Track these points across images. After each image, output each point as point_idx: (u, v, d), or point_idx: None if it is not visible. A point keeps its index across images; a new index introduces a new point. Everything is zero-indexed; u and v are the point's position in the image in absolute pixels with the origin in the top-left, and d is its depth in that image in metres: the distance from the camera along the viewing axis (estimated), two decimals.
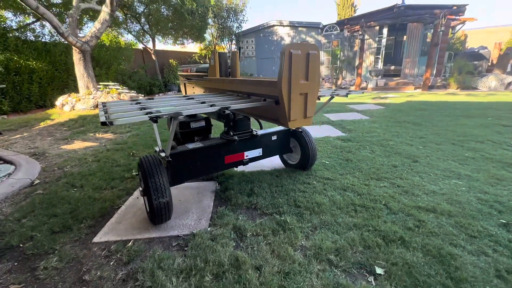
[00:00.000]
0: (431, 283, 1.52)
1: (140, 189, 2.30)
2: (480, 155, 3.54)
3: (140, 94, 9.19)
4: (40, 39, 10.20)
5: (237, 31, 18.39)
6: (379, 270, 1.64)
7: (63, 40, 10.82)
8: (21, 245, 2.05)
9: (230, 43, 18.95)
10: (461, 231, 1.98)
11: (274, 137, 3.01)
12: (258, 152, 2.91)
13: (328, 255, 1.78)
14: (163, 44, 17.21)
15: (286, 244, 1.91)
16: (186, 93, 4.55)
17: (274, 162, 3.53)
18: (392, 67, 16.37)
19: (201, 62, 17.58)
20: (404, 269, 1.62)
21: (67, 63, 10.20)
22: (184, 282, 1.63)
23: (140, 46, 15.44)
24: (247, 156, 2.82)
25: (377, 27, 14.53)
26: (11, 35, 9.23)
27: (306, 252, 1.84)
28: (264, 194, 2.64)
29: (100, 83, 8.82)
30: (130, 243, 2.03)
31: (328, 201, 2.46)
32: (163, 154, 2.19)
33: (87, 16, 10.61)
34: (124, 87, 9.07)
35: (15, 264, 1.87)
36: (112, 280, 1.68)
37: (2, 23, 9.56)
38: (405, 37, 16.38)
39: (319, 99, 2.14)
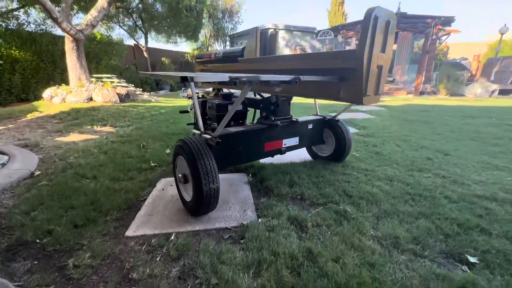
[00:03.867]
0: None
1: (179, 175, 2.01)
2: (506, 149, 3.57)
3: (138, 88, 8.66)
4: (24, 27, 9.44)
5: (231, 33, 18.27)
6: (472, 259, 1.48)
7: (50, 29, 10.16)
8: (37, 240, 1.69)
9: (224, 44, 18.78)
10: None
11: (310, 126, 2.84)
12: (295, 140, 2.71)
13: (408, 245, 1.60)
14: (155, 42, 16.71)
15: (356, 234, 1.71)
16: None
17: (301, 155, 3.34)
18: None
19: (193, 62, 17.20)
20: (499, 256, 1.48)
21: (53, 55, 9.49)
22: (258, 278, 1.38)
23: (131, 42, 14.84)
24: (285, 144, 2.62)
25: None
26: None
27: (381, 242, 1.65)
28: (307, 185, 2.44)
29: (93, 75, 8.23)
30: (172, 237, 1.74)
31: (379, 191, 2.30)
32: (207, 136, 1.93)
33: (78, 6, 9.98)
34: (122, 80, 8.53)
35: (35, 262, 1.52)
36: (166, 278, 1.39)
37: None
38: (395, 46, 17.09)
39: None
